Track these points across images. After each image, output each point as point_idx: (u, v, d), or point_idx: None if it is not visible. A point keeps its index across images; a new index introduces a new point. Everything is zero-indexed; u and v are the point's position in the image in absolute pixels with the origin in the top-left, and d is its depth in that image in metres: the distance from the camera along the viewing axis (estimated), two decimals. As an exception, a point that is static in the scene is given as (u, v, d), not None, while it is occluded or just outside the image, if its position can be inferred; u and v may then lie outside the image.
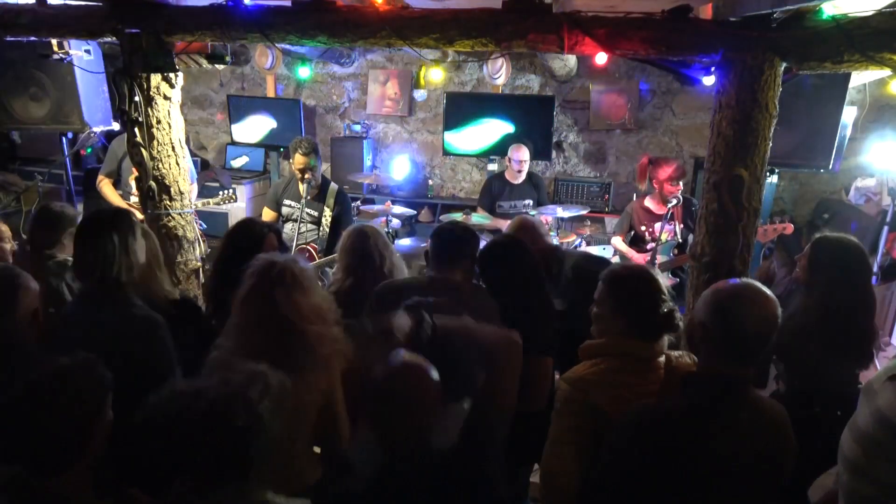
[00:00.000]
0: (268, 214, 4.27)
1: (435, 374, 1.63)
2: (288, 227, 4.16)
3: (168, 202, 3.40)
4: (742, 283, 1.66)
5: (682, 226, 4.29)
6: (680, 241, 4.29)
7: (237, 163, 6.64)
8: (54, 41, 3.54)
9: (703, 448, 1.56)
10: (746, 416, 1.60)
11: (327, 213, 4.14)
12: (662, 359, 1.86)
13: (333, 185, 4.27)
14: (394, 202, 5.15)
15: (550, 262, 2.76)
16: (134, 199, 4.36)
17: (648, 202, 4.47)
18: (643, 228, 4.43)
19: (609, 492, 1.63)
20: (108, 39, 3.29)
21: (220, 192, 4.66)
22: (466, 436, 1.68)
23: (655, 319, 1.82)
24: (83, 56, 3.85)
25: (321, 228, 4.15)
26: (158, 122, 3.32)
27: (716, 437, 1.57)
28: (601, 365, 1.82)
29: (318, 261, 3.98)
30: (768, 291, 1.62)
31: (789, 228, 3.97)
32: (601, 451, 1.67)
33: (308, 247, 4.11)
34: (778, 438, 1.65)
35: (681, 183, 4.23)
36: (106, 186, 4.55)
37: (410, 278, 2.85)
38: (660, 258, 4.11)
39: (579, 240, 5.13)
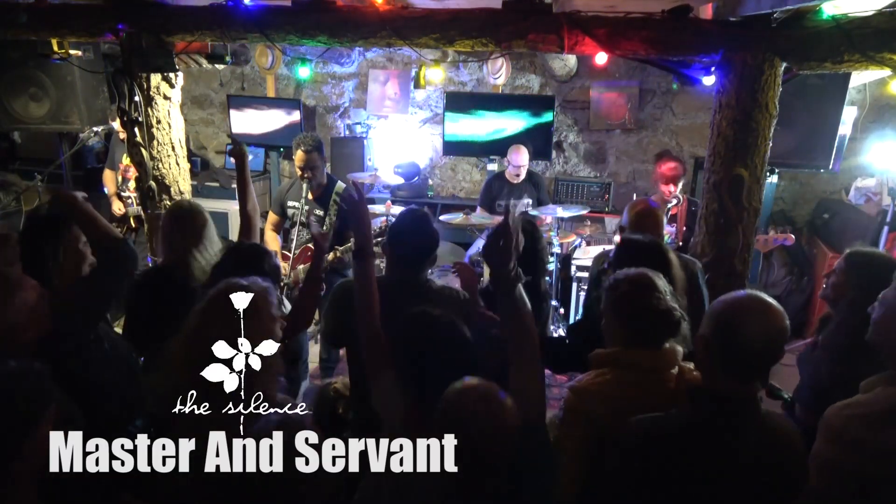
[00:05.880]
0: (272, 218, 4.02)
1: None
2: (295, 231, 3.90)
3: (168, 202, 3.40)
4: (747, 296, 1.56)
5: (685, 228, 4.27)
6: (680, 243, 4.27)
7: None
8: (54, 41, 3.54)
9: (702, 466, 1.50)
10: (752, 435, 1.51)
11: (332, 212, 3.86)
12: (675, 370, 1.80)
13: (340, 184, 3.97)
14: (394, 202, 5.13)
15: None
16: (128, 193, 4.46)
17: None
18: (643, 228, 4.39)
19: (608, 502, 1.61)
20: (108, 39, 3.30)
21: None
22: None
23: (651, 320, 1.77)
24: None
25: (326, 230, 3.81)
26: (158, 122, 3.33)
27: (716, 456, 1.50)
28: (607, 375, 1.78)
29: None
30: (775, 303, 1.51)
31: (790, 239, 3.91)
32: (604, 463, 1.63)
33: (311, 248, 3.80)
34: (787, 458, 1.56)
35: (674, 185, 4.17)
36: (107, 176, 4.78)
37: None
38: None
39: (579, 240, 5.12)
